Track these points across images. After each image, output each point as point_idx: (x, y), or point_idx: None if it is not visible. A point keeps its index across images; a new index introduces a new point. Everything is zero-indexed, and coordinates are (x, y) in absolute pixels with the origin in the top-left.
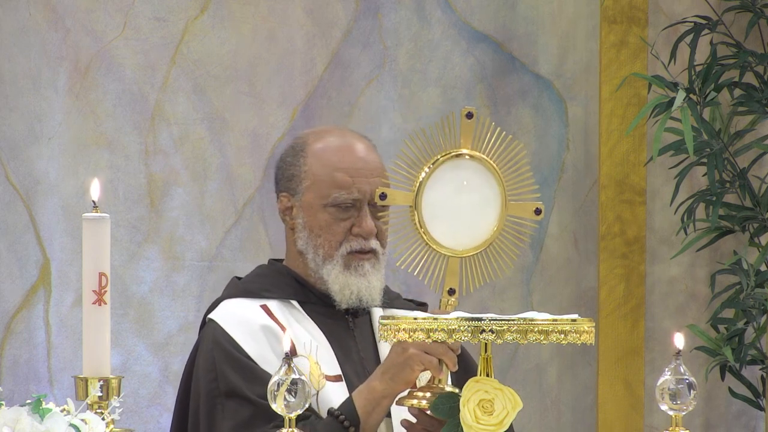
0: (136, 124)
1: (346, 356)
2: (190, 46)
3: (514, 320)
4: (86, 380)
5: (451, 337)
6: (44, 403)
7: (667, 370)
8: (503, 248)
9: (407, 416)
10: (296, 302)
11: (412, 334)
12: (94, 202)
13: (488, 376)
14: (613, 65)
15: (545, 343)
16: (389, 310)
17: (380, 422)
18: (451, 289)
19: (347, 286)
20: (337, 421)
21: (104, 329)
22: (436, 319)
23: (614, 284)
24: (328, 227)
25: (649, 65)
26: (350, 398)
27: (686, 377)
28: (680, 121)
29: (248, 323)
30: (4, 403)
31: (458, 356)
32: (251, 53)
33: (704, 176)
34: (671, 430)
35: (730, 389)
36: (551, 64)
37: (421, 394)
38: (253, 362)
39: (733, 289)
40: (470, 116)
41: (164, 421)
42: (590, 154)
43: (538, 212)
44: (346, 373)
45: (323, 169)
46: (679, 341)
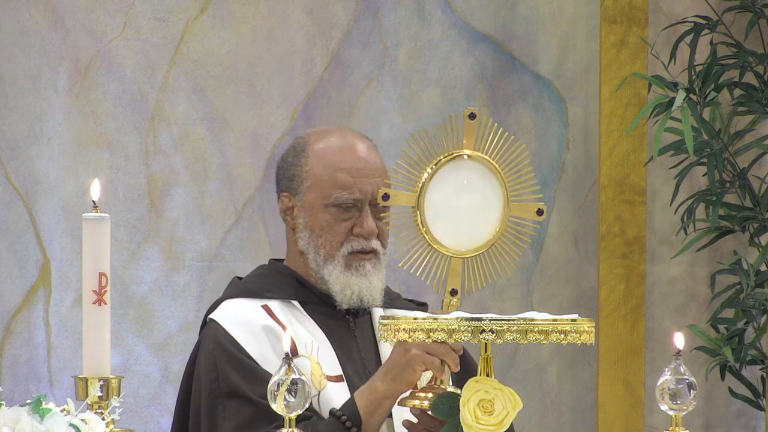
0: (136, 124)
1: (347, 356)
2: (190, 46)
3: (514, 320)
4: (86, 380)
5: (451, 337)
6: (44, 403)
7: (667, 370)
8: (505, 249)
9: (409, 416)
10: (297, 302)
11: (412, 334)
12: (94, 202)
13: (488, 376)
14: (613, 65)
15: (545, 343)
16: (390, 310)
17: (382, 423)
18: (453, 289)
19: (348, 286)
20: (339, 421)
21: (104, 329)
22: (436, 319)
23: (614, 284)
24: (329, 227)
25: (649, 65)
26: (352, 399)
27: (686, 377)
28: (680, 121)
29: (249, 323)
30: (4, 403)
31: (460, 357)
32: (251, 53)
33: (704, 176)
34: (671, 430)
35: (730, 389)
36: (551, 64)
37: (422, 394)
38: (254, 362)
39: (733, 289)
40: (473, 117)
41: (164, 421)
42: (590, 154)
43: (540, 213)
44: (347, 373)
45: (324, 169)
46: (679, 341)
